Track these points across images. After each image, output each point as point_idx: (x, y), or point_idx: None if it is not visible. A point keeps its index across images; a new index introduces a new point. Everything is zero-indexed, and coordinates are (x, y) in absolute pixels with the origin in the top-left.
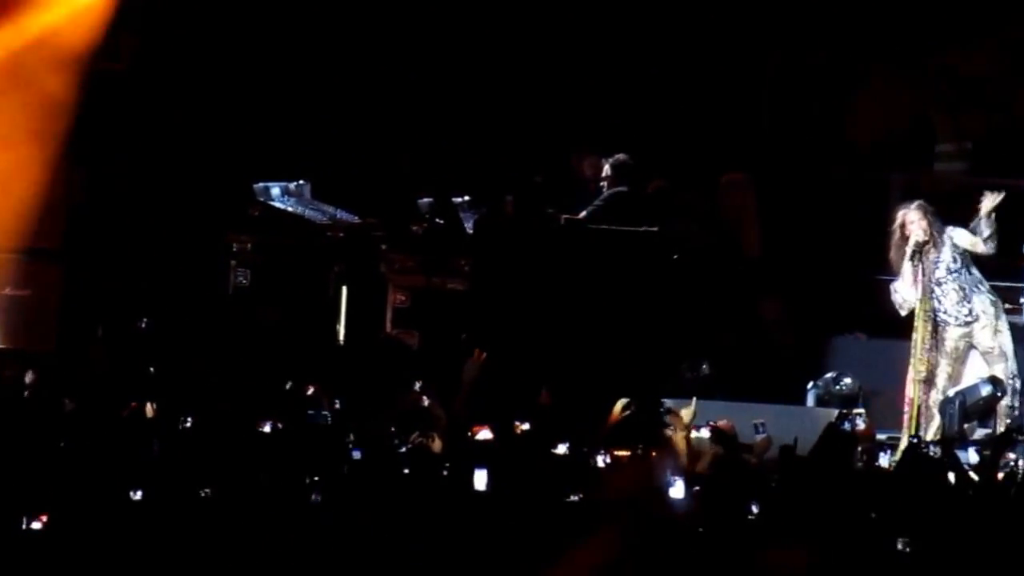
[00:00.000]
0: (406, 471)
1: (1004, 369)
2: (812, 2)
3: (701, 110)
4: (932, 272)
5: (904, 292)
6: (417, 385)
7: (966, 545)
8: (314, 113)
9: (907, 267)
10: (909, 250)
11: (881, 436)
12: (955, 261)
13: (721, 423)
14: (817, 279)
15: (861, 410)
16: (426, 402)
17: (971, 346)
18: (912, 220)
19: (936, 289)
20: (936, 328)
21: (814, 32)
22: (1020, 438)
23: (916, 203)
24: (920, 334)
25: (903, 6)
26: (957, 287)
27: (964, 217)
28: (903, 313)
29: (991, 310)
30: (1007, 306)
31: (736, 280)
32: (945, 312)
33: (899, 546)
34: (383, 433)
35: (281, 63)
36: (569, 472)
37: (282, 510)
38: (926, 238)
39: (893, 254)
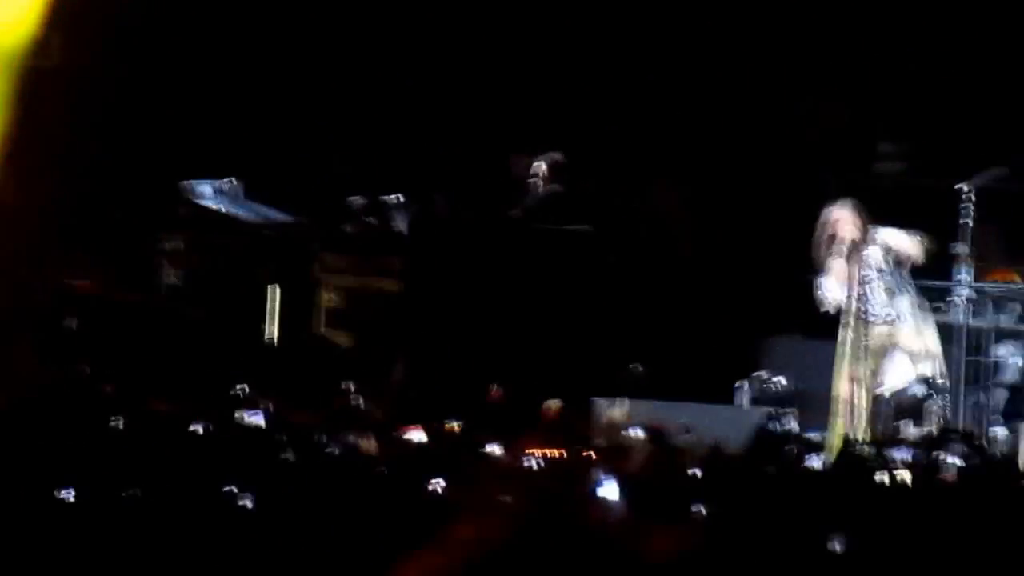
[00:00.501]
0: (338, 471)
1: (933, 368)
2: (751, 2)
3: (637, 109)
4: (861, 271)
5: (831, 290)
6: (350, 385)
7: (900, 544)
8: (246, 111)
9: (836, 265)
10: (844, 248)
11: (814, 436)
12: (885, 262)
13: (653, 423)
14: (751, 278)
15: (792, 410)
16: (360, 402)
17: (895, 345)
18: (842, 218)
19: (864, 288)
20: (862, 326)
21: (754, 32)
22: (953, 438)
23: (847, 201)
24: (848, 333)
25: (842, 6)
26: (884, 287)
27: (901, 217)
28: (829, 310)
29: (916, 312)
30: (936, 305)
31: (670, 279)
32: (866, 311)
33: (832, 546)
34: (315, 433)
35: (212, 61)
36: (500, 472)
37: (211, 511)
38: (856, 236)
39: (820, 251)
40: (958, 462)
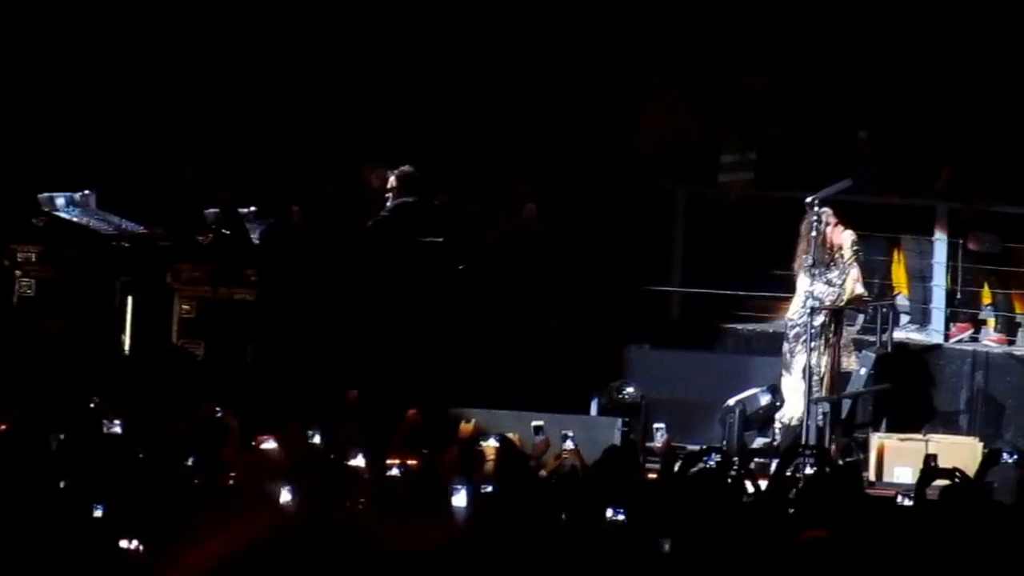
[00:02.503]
0: (196, 481)
1: (781, 378)
2: (598, 15)
3: (490, 121)
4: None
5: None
6: (206, 395)
7: (735, 549)
8: (99, 122)
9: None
10: (846, 253)
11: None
12: None
13: (509, 434)
14: (603, 289)
15: (661, 425)
16: (215, 412)
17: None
18: (836, 224)
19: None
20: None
21: (600, 44)
22: (807, 452)
23: (827, 208)
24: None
25: (687, 19)
26: None
27: (748, 227)
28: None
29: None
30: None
31: (523, 289)
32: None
33: (664, 547)
34: (173, 444)
35: (64, 71)
36: (363, 481)
37: (63, 520)
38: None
39: (809, 252)
40: (806, 471)
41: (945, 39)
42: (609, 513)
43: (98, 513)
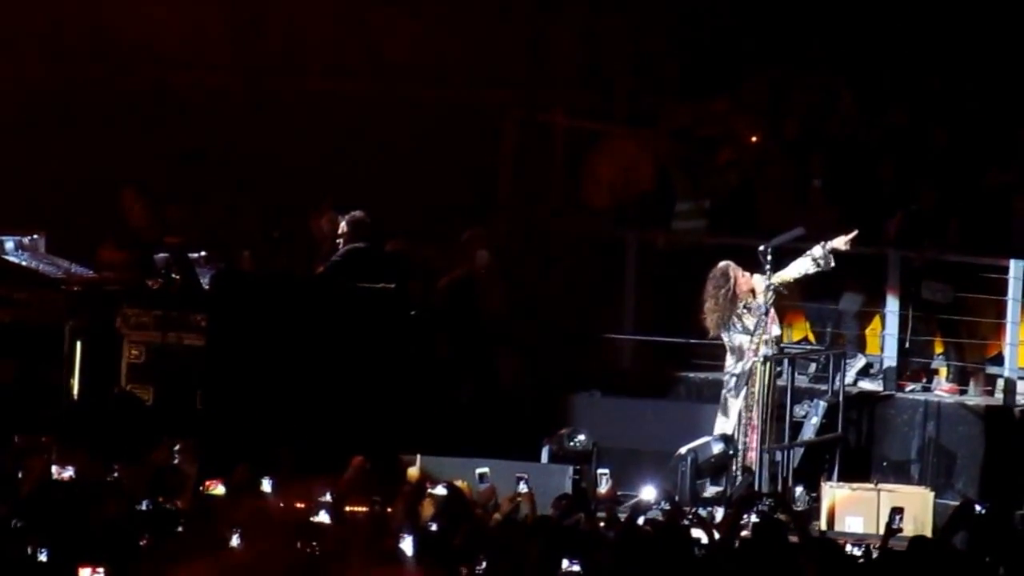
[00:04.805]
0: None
1: (731, 426)
2: (547, 62)
3: (441, 167)
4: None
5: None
6: (155, 439)
7: None
8: (48, 165)
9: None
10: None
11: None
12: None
13: (458, 482)
14: (553, 336)
15: (606, 471)
16: (163, 456)
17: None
18: (743, 274)
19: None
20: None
21: (551, 91)
22: (766, 500)
23: (728, 262)
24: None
25: (639, 66)
26: None
27: (700, 274)
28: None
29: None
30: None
31: (474, 336)
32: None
33: None
34: (125, 490)
35: (13, 116)
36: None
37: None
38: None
39: (721, 312)
40: (756, 519)
41: (896, 87)
42: (565, 564)
43: (43, 558)
